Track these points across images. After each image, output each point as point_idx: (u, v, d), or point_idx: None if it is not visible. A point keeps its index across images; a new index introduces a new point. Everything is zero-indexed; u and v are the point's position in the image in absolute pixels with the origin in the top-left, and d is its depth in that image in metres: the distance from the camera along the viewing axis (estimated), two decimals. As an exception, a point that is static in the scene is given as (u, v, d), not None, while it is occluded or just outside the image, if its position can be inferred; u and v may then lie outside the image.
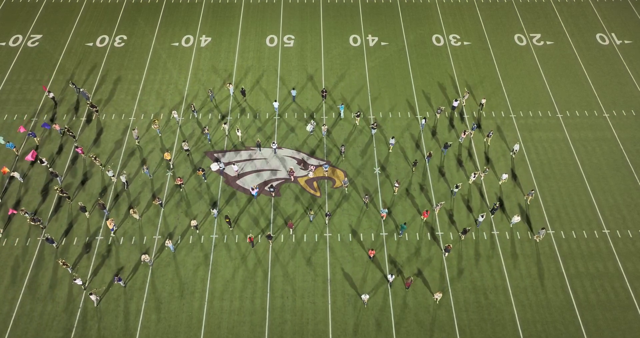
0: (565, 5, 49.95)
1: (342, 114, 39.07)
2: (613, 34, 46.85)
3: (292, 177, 34.90)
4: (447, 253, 31.08)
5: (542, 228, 31.22)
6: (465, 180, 35.26)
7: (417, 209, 33.74)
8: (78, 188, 34.46)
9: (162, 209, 33.32)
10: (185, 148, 35.59)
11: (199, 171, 34.06)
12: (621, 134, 38.45)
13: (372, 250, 30.65)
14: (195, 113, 38.80)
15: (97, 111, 38.53)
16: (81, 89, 38.98)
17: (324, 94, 39.56)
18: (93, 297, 28.33)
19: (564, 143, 37.84)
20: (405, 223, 31.97)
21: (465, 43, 45.78)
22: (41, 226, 31.87)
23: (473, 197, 34.39)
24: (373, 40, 45.84)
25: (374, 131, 37.60)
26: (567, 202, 34.34)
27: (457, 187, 33.48)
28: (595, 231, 32.87)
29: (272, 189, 33.66)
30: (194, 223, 31.18)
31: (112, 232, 31.99)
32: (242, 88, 39.71)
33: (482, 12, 49.08)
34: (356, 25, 47.35)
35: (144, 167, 34.06)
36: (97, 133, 37.68)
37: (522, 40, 46.21)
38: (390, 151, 37.01)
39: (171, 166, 35.58)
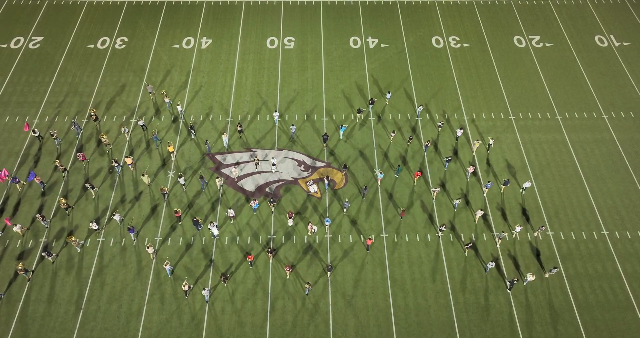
0: (564, 7, 50.18)
1: (341, 136, 37.40)
2: (612, 36, 47.08)
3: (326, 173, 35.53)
4: (435, 193, 34.01)
5: (554, 267, 29.80)
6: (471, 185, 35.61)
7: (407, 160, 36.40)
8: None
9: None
10: (177, 215, 32.36)
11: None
12: (620, 136, 38.66)
13: (370, 239, 30.90)
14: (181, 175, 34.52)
15: (96, 120, 37.56)
16: (73, 121, 36.89)
17: (326, 138, 36.55)
18: (116, 217, 31.52)
19: (563, 145, 38.03)
20: (400, 165, 35.01)
21: (464, 45, 46.00)
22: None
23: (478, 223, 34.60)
24: (373, 42, 46.05)
25: (371, 107, 38.98)
26: (566, 203, 34.52)
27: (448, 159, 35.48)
28: (594, 233, 33.05)
29: (272, 197, 34.07)
30: (185, 287, 29.07)
31: (131, 166, 35.32)
32: (239, 124, 37.27)
33: (482, 14, 49.30)
34: (356, 27, 47.55)
35: (155, 133, 35.88)
36: (97, 134, 37.89)
37: (522, 42, 46.43)
38: (387, 103, 40.13)
39: (173, 165, 35.63)
